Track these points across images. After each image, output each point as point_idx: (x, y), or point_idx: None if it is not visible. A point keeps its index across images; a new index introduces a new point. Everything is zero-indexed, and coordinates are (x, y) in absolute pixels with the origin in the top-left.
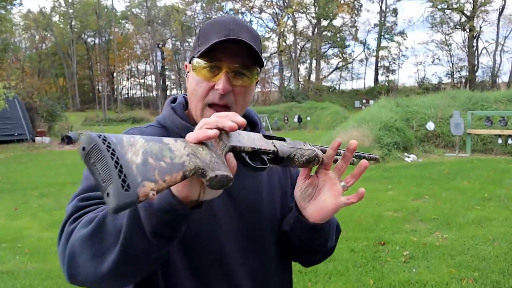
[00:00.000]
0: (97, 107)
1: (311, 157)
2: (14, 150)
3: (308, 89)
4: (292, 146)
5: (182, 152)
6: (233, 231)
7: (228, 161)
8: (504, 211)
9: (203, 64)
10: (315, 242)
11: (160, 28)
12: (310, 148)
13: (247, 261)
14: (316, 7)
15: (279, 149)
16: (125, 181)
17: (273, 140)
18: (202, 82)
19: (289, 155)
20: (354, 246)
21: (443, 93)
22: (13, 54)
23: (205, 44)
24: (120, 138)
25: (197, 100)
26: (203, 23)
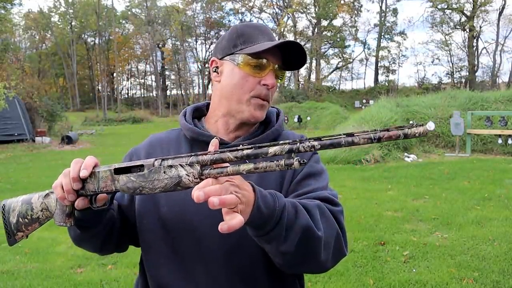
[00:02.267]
0: (97, 107)
1: (168, 187)
2: (14, 150)
3: (308, 89)
4: (142, 180)
5: (38, 209)
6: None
7: (76, 205)
8: (504, 211)
9: (250, 62)
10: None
11: (160, 28)
12: (171, 175)
13: (232, 254)
14: (316, 7)
15: (120, 187)
16: (10, 234)
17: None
18: (249, 76)
19: (133, 191)
20: (354, 246)
21: (443, 93)
22: (13, 54)
23: (249, 44)
24: (9, 205)
25: (242, 93)
26: (237, 24)
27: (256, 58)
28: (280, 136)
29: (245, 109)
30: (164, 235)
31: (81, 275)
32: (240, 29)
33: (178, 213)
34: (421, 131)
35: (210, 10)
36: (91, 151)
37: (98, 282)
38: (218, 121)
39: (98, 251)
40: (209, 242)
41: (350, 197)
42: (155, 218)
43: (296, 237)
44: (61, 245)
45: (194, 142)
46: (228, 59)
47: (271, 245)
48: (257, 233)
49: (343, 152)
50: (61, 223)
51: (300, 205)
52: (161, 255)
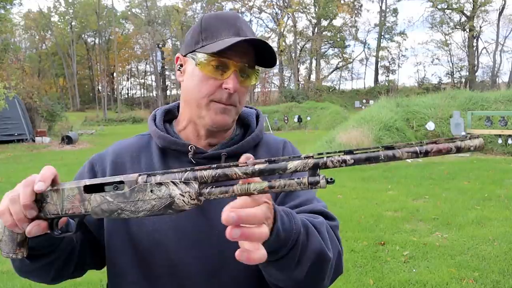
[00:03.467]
0: (97, 107)
1: (157, 209)
2: (14, 150)
3: (308, 89)
4: (121, 200)
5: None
6: (199, 241)
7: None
8: (504, 211)
9: (211, 61)
10: (270, 265)
11: (160, 28)
12: (160, 196)
13: (215, 276)
14: (316, 7)
15: (91, 211)
16: None
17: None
18: (209, 79)
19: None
20: (354, 246)
21: (443, 93)
22: (13, 54)
23: (211, 40)
24: None
25: (200, 97)
26: (204, 15)
27: (217, 57)
28: (262, 141)
29: (205, 115)
30: (134, 257)
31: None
32: (205, 22)
33: (150, 232)
34: (477, 144)
35: (210, 10)
36: (91, 151)
37: (98, 282)
38: (187, 128)
39: (48, 281)
40: (186, 265)
41: (350, 197)
42: (124, 239)
43: (309, 261)
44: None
45: (167, 151)
46: (189, 57)
47: (280, 272)
48: (269, 258)
49: None
50: (10, 254)
51: (311, 224)
52: (131, 279)
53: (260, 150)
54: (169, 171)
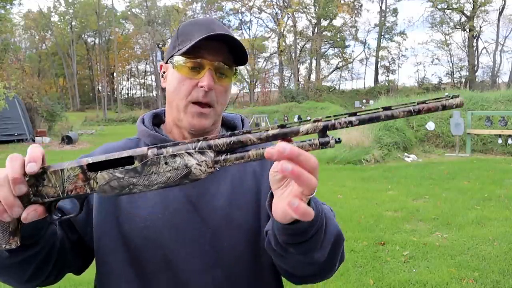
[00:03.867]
0: (97, 107)
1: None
2: (14, 150)
3: (308, 89)
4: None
5: None
6: (192, 238)
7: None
8: (504, 211)
9: (186, 62)
10: (294, 247)
11: (160, 28)
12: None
13: (209, 272)
14: (316, 7)
15: (99, 188)
16: None
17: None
18: (185, 79)
19: (119, 192)
20: (354, 246)
21: (443, 93)
22: (13, 54)
23: (186, 43)
24: None
25: (179, 99)
26: (180, 24)
27: (191, 57)
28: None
29: (183, 118)
30: (126, 255)
31: (81, 275)
32: (181, 29)
33: (142, 229)
34: (458, 102)
35: (210, 10)
36: (91, 151)
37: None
38: (172, 130)
39: (22, 283)
40: (180, 262)
41: (350, 197)
42: (115, 237)
43: (329, 243)
44: None
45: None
46: (169, 62)
47: (305, 255)
48: (296, 239)
49: (343, 152)
50: (3, 244)
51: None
52: (123, 280)
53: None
54: (180, 142)
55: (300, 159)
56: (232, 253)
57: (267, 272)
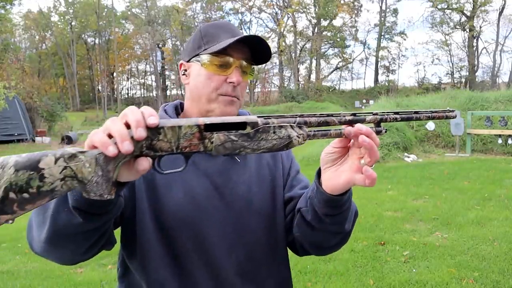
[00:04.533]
0: (97, 107)
1: (276, 147)
2: (14, 150)
3: (308, 89)
4: (245, 139)
5: (56, 177)
6: (218, 220)
7: (135, 166)
8: (504, 211)
9: (214, 60)
10: (331, 219)
11: (160, 28)
12: (281, 136)
13: (233, 250)
14: (316, 7)
15: (214, 148)
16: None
17: (216, 134)
18: (213, 75)
19: (230, 153)
20: (354, 246)
21: (443, 93)
22: (13, 54)
23: (213, 43)
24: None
25: (209, 92)
26: (201, 25)
27: (220, 56)
28: None
29: (215, 107)
30: (160, 235)
31: (81, 275)
32: (204, 30)
33: (174, 211)
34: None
35: (210, 10)
36: None
37: (98, 282)
38: None
39: (80, 254)
40: (210, 242)
41: None
42: (151, 217)
43: (353, 215)
44: None
45: None
46: (194, 61)
47: (337, 225)
48: (336, 210)
49: None
50: (106, 195)
51: None
52: (157, 256)
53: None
54: (282, 115)
55: (372, 137)
56: (252, 234)
57: (280, 252)
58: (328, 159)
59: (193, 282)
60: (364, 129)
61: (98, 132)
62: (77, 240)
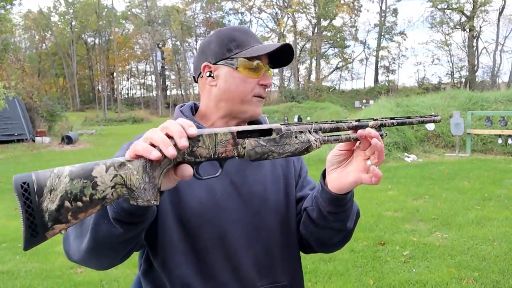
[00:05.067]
0: (97, 107)
1: (298, 151)
2: (14, 150)
3: (308, 89)
4: (272, 144)
5: (108, 184)
6: (237, 218)
7: (179, 172)
8: (504, 211)
9: (248, 64)
10: (334, 216)
11: (160, 28)
12: (302, 140)
13: (251, 246)
14: (316, 7)
15: (246, 153)
16: (35, 229)
17: (248, 140)
18: (249, 78)
19: (260, 157)
20: (354, 246)
21: (443, 93)
22: (13, 54)
23: (244, 47)
24: (43, 183)
25: (245, 94)
26: (223, 29)
27: (252, 61)
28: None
29: (249, 108)
30: (182, 234)
31: (81, 275)
32: (230, 34)
33: (196, 211)
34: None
35: (210, 10)
36: (91, 151)
37: (98, 282)
38: (215, 124)
39: (118, 259)
40: (231, 239)
41: None
42: (173, 217)
43: (355, 215)
44: (61, 245)
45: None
46: (223, 64)
47: (340, 222)
48: (339, 209)
49: None
50: (152, 201)
51: None
52: (179, 253)
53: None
54: (300, 123)
55: (380, 140)
56: (268, 231)
57: (293, 248)
58: (334, 161)
59: (214, 276)
60: (373, 132)
61: (140, 142)
62: (116, 248)
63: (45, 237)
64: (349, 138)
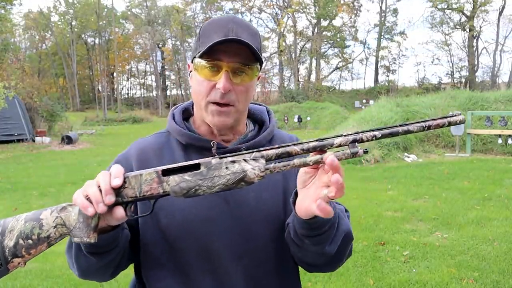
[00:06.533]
0: (97, 107)
1: (231, 183)
2: (14, 150)
3: (308, 89)
4: (199, 178)
5: (50, 225)
6: (225, 230)
7: (113, 214)
8: (504, 211)
9: (204, 64)
10: (310, 240)
11: (160, 28)
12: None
13: (239, 259)
14: (316, 7)
15: (171, 189)
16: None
17: (172, 176)
18: (203, 81)
19: (187, 192)
20: (354, 246)
21: (443, 93)
22: (13, 54)
23: (205, 44)
24: (5, 226)
25: (200, 99)
26: (203, 23)
27: (209, 59)
28: (275, 136)
29: (205, 116)
30: (166, 247)
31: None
32: (202, 29)
33: (180, 222)
34: (460, 119)
35: (210, 10)
36: (91, 151)
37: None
38: (201, 126)
39: (108, 277)
40: (216, 251)
41: (350, 197)
42: (157, 230)
43: (340, 239)
44: (61, 245)
45: (189, 147)
46: (192, 63)
47: (317, 246)
48: (312, 232)
49: None
50: (85, 238)
51: (338, 209)
52: (165, 268)
53: (276, 144)
54: (238, 153)
55: (341, 172)
56: (260, 243)
57: (290, 262)
58: (300, 180)
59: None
60: (335, 163)
61: (79, 195)
62: (100, 271)
63: (8, 269)
64: (305, 163)
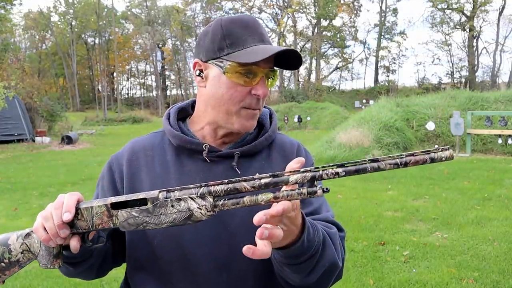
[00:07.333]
0: (97, 107)
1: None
2: (14, 150)
3: (308, 89)
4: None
5: (18, 250)
6: (209, 239)
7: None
8: (504, 211)
9: (239, 69)
10: (289, 267)
11: (160, 28)
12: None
13: (224, 268)
14: (316, 7)
15: (119, 224)
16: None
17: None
18: (238, 86)
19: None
20: (354, 246)
21: (443, 93)
22: (13, 54)
23: (238, 47)
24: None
25: (231, 104)
26: (222, 19)
27: (244, 65)
28: (275, 141)
29: (235, 121)
30: (149, 252)
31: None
32: (226, 28)
33: (165, 229)
34: (447, 155)
35: (210, 10)
36: (91, 151)
37: (98, 282)
38: (204, 128)
39: (94, 277)
40: (198, 260)
41: (350, 197)
42: (141, 235)
43: (322, 270)
44: None
45: (181, 149)
46: (213, 64)
47: (295, 274)
48: (288, 261)
49: (343, 152)
50: (48, 265)
51: (327, 236)
52: (148, 273)
53: (274, 150)
54: (185, 187)
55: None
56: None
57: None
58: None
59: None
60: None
61: (39, 227)
62: (83, 275)
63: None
64: (256, 202)
